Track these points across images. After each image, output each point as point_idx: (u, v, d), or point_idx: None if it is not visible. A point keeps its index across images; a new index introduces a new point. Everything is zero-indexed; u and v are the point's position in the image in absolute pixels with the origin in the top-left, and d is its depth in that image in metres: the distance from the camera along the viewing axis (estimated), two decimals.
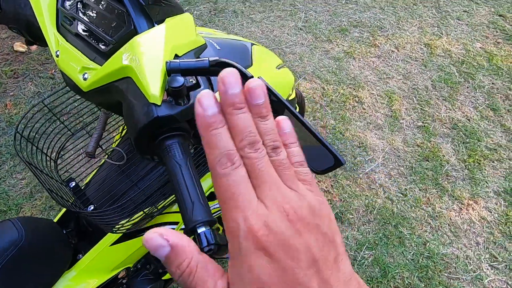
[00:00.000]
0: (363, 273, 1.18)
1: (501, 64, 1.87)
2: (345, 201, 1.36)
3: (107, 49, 0.39)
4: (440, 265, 1.21)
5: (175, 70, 0.31)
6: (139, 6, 0.37)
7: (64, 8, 0.43)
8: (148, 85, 0.31)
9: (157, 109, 0.31)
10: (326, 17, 2.14)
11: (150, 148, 0.35)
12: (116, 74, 0.35)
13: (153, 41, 0.34)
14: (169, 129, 0.33)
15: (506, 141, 1.56)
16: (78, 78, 0.41)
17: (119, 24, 0.38)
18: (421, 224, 1.31)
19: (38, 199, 1.37)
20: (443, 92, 1.74)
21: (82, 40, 0.42)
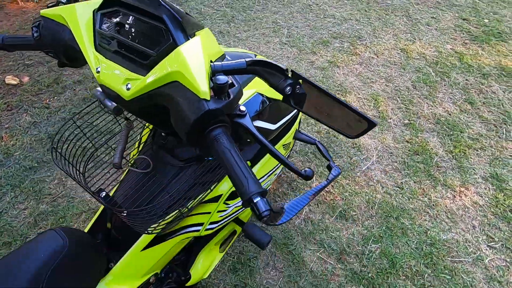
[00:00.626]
0: (373, 266, 1.23)
1: (471, 62, 2.04)
2: (347, 199, 1.42)
3: (148, 61, 0.45)
4: (443, 250, 1.28)
5: (219, 70, 0.37)
6: (176, 22, 0.43)
7: (103, 30, 0.49)
8: (198, 85, 0.37)
9: (208, 103, 0.37)
10: (308, 31, 2.28)
11: (199, 140, 0.40)
12: (163, 80, 0.41)
13: (194, 50, 0.40)
14: (215, 122, 0.39)
15: (486, 130, 1.68)
16: (121, 89, 0.46)
17: (158, 39, 0.44)
18: (420, 214, 1.38)
19: (43, 227, 1.36)
20: (424, 91, 1.87)
21: (122, 56, 0.47)
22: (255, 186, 0.34)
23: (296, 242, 1.29)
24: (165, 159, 0.68)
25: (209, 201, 0.70)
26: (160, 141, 0.69)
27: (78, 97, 1.86)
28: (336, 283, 1.19)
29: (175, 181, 0.65)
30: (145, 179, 0.65)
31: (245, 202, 0.34)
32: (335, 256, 1.26)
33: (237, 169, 0.35)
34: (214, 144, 0.38)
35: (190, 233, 0.68)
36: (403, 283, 1.19)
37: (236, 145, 0.38)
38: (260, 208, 0.33)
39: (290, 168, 0.40)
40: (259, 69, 0.37)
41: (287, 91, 0.36)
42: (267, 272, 1.22)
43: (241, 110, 0.43)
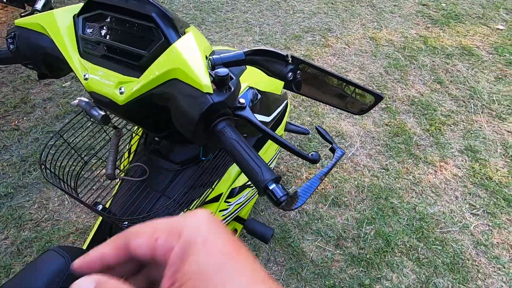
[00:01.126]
0: (370, 247, 1.27)
1: (435, 45, 2.15)
2: (337, 186, 1.46)
3: (140, 62, 0.43)
4: (432, 223, 1.34)
5: (219, 63, 0.37)
6: (167, 20, 0.42)
7: (86, 35, 0.47)
8: (200, 79, 0.37)
9: (212, 97, 0.36)
10: (279, 27, 2.31)
11: (205, 136, 0.40)
12: (160, 79, 0.40)
13: (190, 46, 0.40)
14: (220, 115, 0.38)
15: (456, 106, 1.79)
16: (114, 94, 0.44)
17: (149, 38, 0.43)
18: (407, 192, 1.44)
19: (28, 255, 1.28)
20: (396, 75, 1.95)
21: (110, 60, 0.46)
22: (269, 173, 0.34)
23: (294, 234, 1.31)
24: (160, 164, 0.66)
25: (210, 201, 0.69)
26: (153, 146, 0.67)
27: (50, 115, 1.77)
28: (337, 268, 1.22)
29: (173, 186, 0.63)
30: (141, 187, 0.63)
31: (261, 190, 0.34)
32: (333, 242, 1.29)
33: (248, 159, 0.35)
34: (221, 138, 0.38)
35: None
36: (400, 259, 1.24)
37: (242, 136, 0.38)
38: (277, 194, 0.33)
39: (297, 153, 0.40)
40: (258, 58, 0.38)
41: (289, 77, 0.36)
42: (269, 268, 1.22)
43: (241, 103, 0.43)
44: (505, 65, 2.02)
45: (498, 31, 2.26)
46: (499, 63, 2.03)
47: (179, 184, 0.64)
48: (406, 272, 1.21)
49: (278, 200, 0.33)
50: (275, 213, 1.38)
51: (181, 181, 0.64)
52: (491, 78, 1.94)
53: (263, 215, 1.38)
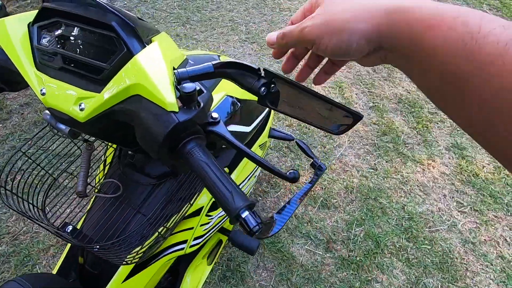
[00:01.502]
0: (359, 249, 1.26)
1: None
2: (326, 188, 1.44)
3: (101, 75, 0.39)
4: (420, 222, 1.34)
5: (185, 77, 0.34)
6: (129, 29, 0.38)
7: (42, 46, 0.43)
8: (163, 96, 0.33)
9: (177, 116, 0.33)
10: (265, 26, 2.27)
11: (172, 157, 0.36)
12: (121, 95, 0.36)
13: (153, 58, 0.36)
14: (187, 134, 0.35)
15: None
16: (74, 110, 0.40)
17: (110, 49, 0.39)
18: (396, 192, 1.44)
19: (6, 271, 1.22)
20: (383, 74, 1.95)
21: (69, 73, 0.42)
22: (242, 200, 0.31)
23: (283, 238, 1.29)
24: (135, 179, 0.62)
25: (190, 215, 0.65)
26: (127, 160, 0.63)
27: (27, 122, 1.70)
28: (327, 272, 1.20)
29: (149, 201, 0.60)
30: (116, 204, 0.59)
31: (233, 218, 0.31)
32: (323, 246, 1.27)
33: (218, 184, 0.32)
34: (190, 159, 0.34)
35: (174, 253, 0.64)
36: (389, 261, 1.24)
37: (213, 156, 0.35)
38: (250, 223, 0.30)
39: (273, 172, 0.38)
40: (229, 71, 0.34)
41: (262, 91, 0.33)
42: (259, 274, 1.20)
43: (214, 117, 0.40)
44: None
45: None
46: None
47: (155, 200, 0.60)
48: (396, 273, 1.21)
49: (251, 230, 0.30)
50: (265, 217, 1.36)
51: (158, 196, 0.60)
52: None
53: None
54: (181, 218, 0.60)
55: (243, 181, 0.78)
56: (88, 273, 0.62)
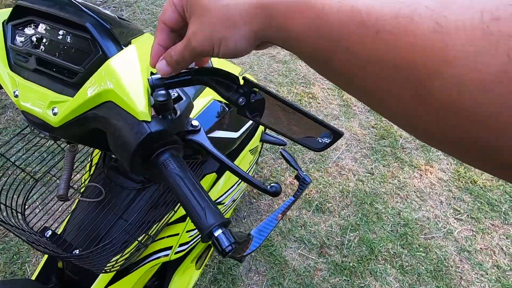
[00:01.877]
0: (353, 255, 1.24)
1: None
2: (321, 191, 1.42)
3: (75, 79, 0.38)
4: (416, 229, 1.32)
5: (159, 85, 0.32)
6: (104, 31, 0.36)
7: (16, 46, 0.41)
8: (135, 104, 0.31)
9: (149, 125, 0.31)
10: None
11: (145, 168, 0.34)
12: (93, 101, 0.34)
13: (128, 62, 0.34)
14: (162, 145, 0.33)
15: None
16: (46, 115, 0.38)
17: (85, 52, 0.37)
18: (392, 197, 1.42)
19: None
20: None
21: (43, 75, 0.40)
22: (215, 217, 0.29)
23: (276, 242, 1.27)
24: (120, 183, 0.60)
25: (175, 221, 0.64)
26: (111, 163, 0.61)
27: (22, 117, 1.68)
28: (320, 277, 1.19)
29: (133, 206, 0.58)
30: (98, 209, 0.58)
31: (204, 237, 0.29)
32: (316, 250, 1.25)
33: (191, 199, 0.30)
34: (163, 171, 0.32)
35: (158, 259, 0.62)
36: (383, 267, 1.22)
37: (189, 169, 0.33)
38: (222, 243, 0.28)
39: (254, 185, 0.36)
40: (206, 78, 0.32)
41: (240, 102, 0.31)
42: (250, 278, 1.18)
43: (194, 125, 0.38)
44: None
45: None
46: None
47: (138, 205, 0.58)
48: (390, 280, 1.19)
49: (223, 251, 0.28)
50: (257, 220, 1.34)
51: (141, 201, 0.59)
52: None
53: (245, 222, 1.33)
54: (164, 225, 0.58)
55: (232, 186, 0.76)
56: (68, 279, 0.61)
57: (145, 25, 2.20)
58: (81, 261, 0.48)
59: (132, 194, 0.59)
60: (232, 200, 0.81)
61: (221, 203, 0.74)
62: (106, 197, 0.59)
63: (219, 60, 0.76)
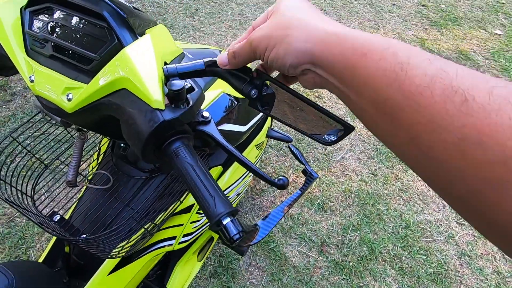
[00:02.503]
0: (353, 254, 1.24)
1: (432, 47, 2.11)
2: (324, 190, 1.43)
3: (91, 66, 0.38)
4: (417, 232, 1.32)
5: (173, 74, 0.32)
6: (120, 19, 0.37)
7: (33, 31, 0.41)
8: (149, 92, 0.32)
9: (163, 114, 0.32)
10: None
11: (156, 156, 0.35)
12: (108, 88, 0.35)
13: (143, 51, 0.35)
14: (174, 133, 0.34)
15: None
16: (61, 100, 0.39)
17: (100, 40, 0.38)
18: (394, 199, 1.42)
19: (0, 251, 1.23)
20: None
21: (59, 61, 0.40)
22: (224, 206, 0.30)
23: (277, 238, 1.28)
24: (127, 172, 0.61)
25: (180, 212, 0.65)
26: (119, 152, 0.62)
27: (30, 104, 1.70)
28: (319, 275, 1.19)
29: (140, 195, 0.59)
30: (105, 196, 0.59)
31: (213, 225, 0.29)
32: (316, 248, 1.26)
33: (201, 188, 0.31)
34: (174, 159, 0.33)
35: (162, 248, 0.63)
36: (383, 268, 1.22)
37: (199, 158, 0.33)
38: (230, 231, 0.29)
39: (262, 177, 0.36)
40: (220, 70, 0.33)
41: (252, 94, 0.32)
42: (250, 273, 1.19)
43: (204, 116, 0.38)
44: (500, 71, 1.99)
45: (495, 36, 2.23)
46: (494, 69, 2.00)
47: (145, 194, 0.59)
48: (389, 281, 1.19)
49: (231, 239, 0.29)
50: (259, 216, 1.35)
51: (148, 191, 0.60)
52: None
53: (247, 217, 1.34)
54: (169, 215, 0.59)
55: (238, 179, 0.76)
56: (74, 263, 0.62)
57: (154, 17, 2.21)
58: (88, 246, 0.49)
59: (139, 183, 0.60)
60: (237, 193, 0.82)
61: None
62: (113, 185, 0.60)
63: None
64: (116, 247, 0.51)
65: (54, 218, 0.55)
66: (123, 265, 0.60)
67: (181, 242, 0.65)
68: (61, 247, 0.63)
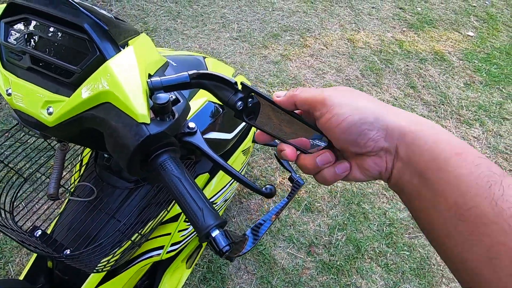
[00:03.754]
0: (340, 254, 1.27)
1: (410, 49, 2.19)
2: (310, 191, 1.45)
3: (72, 79, 0.37)
4: (401, 229, 1.36)
5: (158, 87, 0.32)
6: (102, 32, 0.36)
7: (9, 43, 0.40)
8: (134, 106, 0.31)
9: (148, 128, 0.31)
10: (258, 25, 2.25)
11: (142, 169, 0.35)
12: (91, 102, 0.34)
13: (127, 64, 0.34)
14: (160, 146, 0.34)
15: (427, 111, 1.83)
16: (41, 114, 0.38)
17: (81, 52, 0.37)
18: (378, 197, 1.45)
19: None
20: (371, 79, 1.97)
21: (38, 74, 0.39)
22: (212, 218, 0.30)
23: (266, 241, 1.28)
24: (112, 182, 0.60)
25: (167, 221, 0.64)
26: (103, 162, 0.61)
27: (5, 112, 1.63)
28: (308, 276, 1.21)
29: (126, 206, 0.58)
30: (89, 208, 0.57)
31: (202, 237, 0.30)
32: (304, 249, 1.28)
33: (189, 200, 0.31)
34: (161, 173, 0.33)
35: (150, 258, 0.62)
36: (369, 266, 1.25)
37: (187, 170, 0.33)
38: (220, 243, 0.29)
39: (249, 186, 0.37)
40: (205, 83, 0.33)
41: (238, 106, 0.32)
42: (240, 277, 1.19)
43: (190, 127, 0.38)
44: (473, 72, 2.09)
45: (468, 37, 2.33)
46: (468, 69, 2.10)
47: (131, 205, 0.58)
48: (375, 278, 1.22)
49: (221, 251, 0.29)
50: (247, 219, 1.35)
51: (134, 201, 0.59)
52: (461, 84, 2.00)
53: (235, 221, 1.34)
54: (157, 224, 0.58)
55: (225, 186, 0.76)
56: (57, 279, 0.60)
57: (135, 21, 2.17)
58: (72, 261, 0.48)
59: (124, 194, 0.59)
60: (224, 200, 0.82)
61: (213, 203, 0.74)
62: (97, 196, 0.59)
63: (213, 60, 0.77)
64: (102, 260, 0.50)
65: (35, 233, 0.53)
66: (109, 278, 0.59)
67: (169, 252, 0.65)
68: (43, 262, 0.61)
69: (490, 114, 1.84)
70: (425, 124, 0.23)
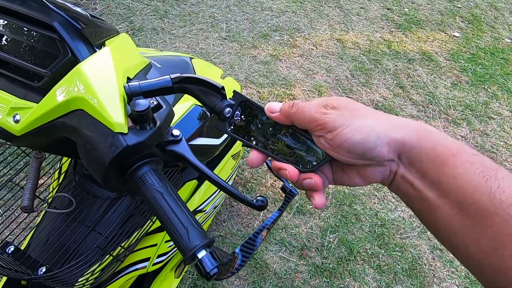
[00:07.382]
0: (333, 256, 1.26)
1: (398, 49, 2.20)
2: (302, 194, 1.43)
3: (41, 83, 0.34)
4: (392, 229, 1.36)
5: (137, 92, 0.29)
6: (75, 31, 0.33)
7: None
8: (109, 114, 0.28)
9: (126, 138, 0.28)
10: (247, 25, 2.22)
11: (120, 183, 0.31)
12: (62, 108, 0.31)
13: (101, 67, 0.31)
14: (139, 158, 0.30)
15: (416, 111, 1.84)
16: (7, 122, 0.34)
17: (52, 53, 0.34)
18: (370, 198, 1.45)
19: None
20: (361, 79, 1.97)
21: (3, 77, 0.36)
22: (199, 237, 0.27)
23: None
24: (93, 192, 0.56)
25: (153, 231, 0.60)
26: (83, 170, 0.57)
27: None
28: (301, 280, 1.19)
29: (107, 217, 0.54)
30: (68, 221, 0.53)
31: (187, 260, 0.27)
32: (297, 253, 1.26)
33: (172, 218, 0.28)
34: (141, 187, 0.30)
35: (135, 272, 0.59)
36: (362, 267, 1.24)
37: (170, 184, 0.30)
38: (206, 266, 0.26)
39: (238, 198, 0.34)
40: (190, 87, 0.30)
41: (226, 112, 0.29)
42: (231, 283, 1.16)
43: (174, 135, 0.35)
44: (460, 71, 2.12)
45: (454, 38, 2.37)
46: (455, 69, 2.13)
47: (113, 216, 0.54)
48: (368, 280, 1.22)
49: (208, 274, 0.26)
50: (238, 223, 1.32)
51: (116, 211, 0.55)
52: (448, 84, 2.02)
53: (226, 225, 1.31)
54: (142, 236, 0.55)
55: (214, 192, 0.73)
56: None
57: (121, 20, 2.10)
58: (48, 281, 0.44)
59: (106, 204, 0.56)
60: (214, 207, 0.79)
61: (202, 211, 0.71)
62: (76, 207, 0.55)
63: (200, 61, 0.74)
64: (80, 279, 0.47)
65: (7, 250, 0.49)
66: None
67: (155, 263, 0.61)
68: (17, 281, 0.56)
69: (477, 113, 1.87)
70: (423, 131, 0.24)
